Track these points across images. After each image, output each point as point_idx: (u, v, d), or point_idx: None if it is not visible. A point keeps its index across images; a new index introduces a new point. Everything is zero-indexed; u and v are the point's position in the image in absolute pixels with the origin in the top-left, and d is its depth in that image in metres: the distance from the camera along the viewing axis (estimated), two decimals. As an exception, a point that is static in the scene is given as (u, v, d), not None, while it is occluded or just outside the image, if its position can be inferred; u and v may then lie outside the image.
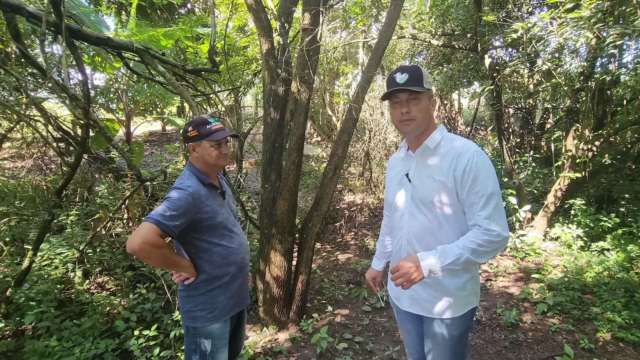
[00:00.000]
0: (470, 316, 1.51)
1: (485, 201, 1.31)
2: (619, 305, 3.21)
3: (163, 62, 2.49)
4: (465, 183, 1.34)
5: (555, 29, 3.07)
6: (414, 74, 1.38)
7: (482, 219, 1.30)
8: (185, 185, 1.65)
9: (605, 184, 5.21)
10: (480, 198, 1.31)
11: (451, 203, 1.39)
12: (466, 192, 1.34)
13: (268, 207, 3.21)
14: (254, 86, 5.95)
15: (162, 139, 13.09)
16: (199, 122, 1.76)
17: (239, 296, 1.86)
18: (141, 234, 1.47)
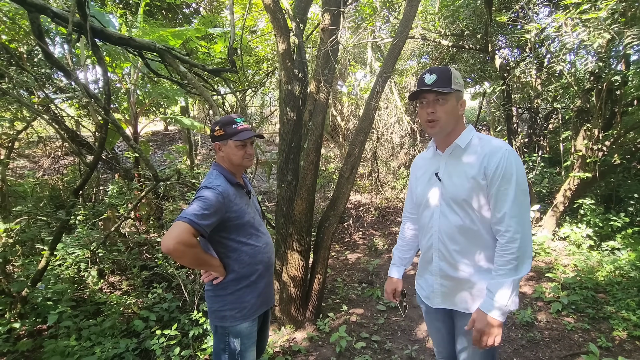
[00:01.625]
0: None
1: (513, 207, 1.33)
2: (633, 304, 3.23)
3: (184, 62, 2.49)
4: (496, 180, 1.35)
5: (569, 30, 3.09)
6: (442, 75, 1.40)
7: (506, 217, 1.34)
8: (214, 184, 1.65)
9: (613, 184, 5.24)
10: (509, 203, 1.33)
11: (482, 201, 1.41)
12: (495, 188, 1.36)
13: (284, 206, 3.21)
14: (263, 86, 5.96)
15: (165, 139, 13.06)
16: (225, 121, 1.76)
17: (265, 295, 1.87)
18: (175, 233, 1.48)
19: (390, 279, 1.85)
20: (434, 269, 1.56)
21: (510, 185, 1.33)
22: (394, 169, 7.51)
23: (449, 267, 1.51)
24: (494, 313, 1.32)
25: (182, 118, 6.23)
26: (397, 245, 1.89)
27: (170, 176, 3.50)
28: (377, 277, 4.26)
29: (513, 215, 1.33)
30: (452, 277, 1.51)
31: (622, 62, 4.35)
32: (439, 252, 1.53)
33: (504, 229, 1.34)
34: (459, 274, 1.49)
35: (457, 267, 1.49)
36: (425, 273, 1.64)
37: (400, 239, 1.88)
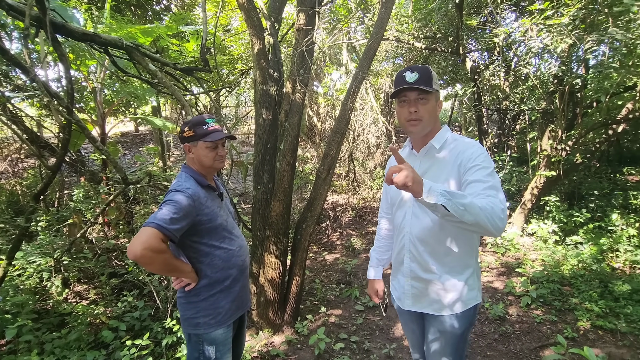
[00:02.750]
0: (473, 313, 1.52)
1: (488, 183, 1.27)
2: (595, 296, 3.42)
3: (154, 60, 2.39)
4: (469, 171, 1.33)
5: (535, 35, 3.22)
6: (423, 73, 1.38)
7: (484, 192, 1.24)
8: (184, 187, 1.59)
9: (575, 182, 5.53)
10: (482, 180, 1.28)
11: None
12: (469, 175, 1.32)
13: (261, 208, 3.16)
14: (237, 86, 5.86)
15: (135, 140, 12.60)
16: (196, 121, 1.71)
17: (240, 300, 1.82)
18: (143, 239, 1.41)
19: (371, 282, 1.84)
20: (405, 270, 1.55)
21: (484, 168, 1.31)
22: (370, 169, 7.58)
23: (420, 268, 1.50)
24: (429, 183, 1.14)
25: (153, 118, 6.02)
26: (374, 246, 1.87)
27: (141, 179, 3.36)
28: (355, 277, 4.28)
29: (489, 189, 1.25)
30: (423, 278, 1.50)
31: (582, 66, 4.60)
32: (410, 253, 1.52)
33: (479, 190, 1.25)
34: (429, 275, 1.48)
35: (428, 269, 1.48)
36: (398, 274, 1.63)
37: (377, 239, 1.87)
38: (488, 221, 1.15)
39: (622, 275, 3.83)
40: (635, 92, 4.28)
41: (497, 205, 1.18)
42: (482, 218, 1.14)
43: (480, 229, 1.18)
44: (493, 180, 1.30)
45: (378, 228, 1.88)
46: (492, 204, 1.18)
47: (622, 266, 4.03)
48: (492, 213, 1.15)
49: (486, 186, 1.27)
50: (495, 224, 1.16)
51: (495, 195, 1.24)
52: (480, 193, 1.24)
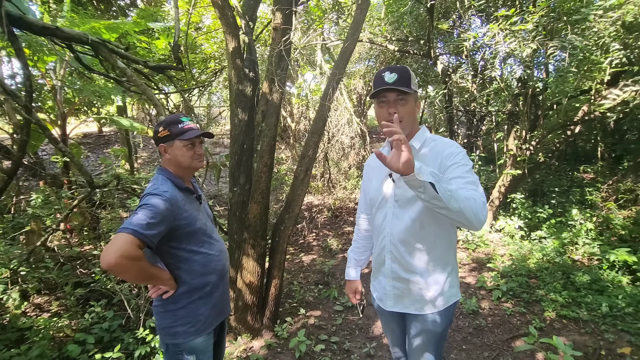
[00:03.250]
0: (453, 310, 1.55)
1: (468, 179, 1.30)
2: (559, 287, 3.62)
3: (123, 57, 2.27)
4: (449, 168, 1.35)
5: (502, 39, 3.37)
6: (402, 74, 1.38)
7: (465, 187, 1.26)
8: (161, 190, 1.52)
9: (538, 180, 5.84)
10: (463, 176, 1.31)
11: None
12: (449, 172, 1.34)
13: (237, 211, 3.09)
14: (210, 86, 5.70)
15: (99, 141, 11.95)
16: (170, 120, 1.64)
17: (220, 306, 1.77)
18: (117, 246, 1.33)
19: (349, 282, 1.83)
20: (387, 270, 1.55)
21: (463, 165, 1.34)
22: (344, 169, 7.64)
23: (401, 268, 1.50)
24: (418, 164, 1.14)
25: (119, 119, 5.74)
26: (352, 247, 1.86)
27: (108, 182, 3.19)
28: (333, 278, 4.29)
29: (467, 179, 1.28)
30: (404, 278, 1.50)
31: (543, 70, 4.88)
32: (391, 254, 1.52)
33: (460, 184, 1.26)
34: (410, 275, 1.49)
35: (409, 269, 1.48)
36: (379, 275, 1.63)
37: (354, 240, 1.86)
38: (472, 211, 1.16)
39: (582, 267, 4.08)
40: (590, 96, 4.59)
41: (479, 199, 1.21)
42: (467, 207, 1.15)
43: (463, 219, 1.18)
44: (472, 176, 1.33)
45: (356, 228, 1.87)
46: (475, 197, 1.20)
47: (581, 258, 4.30)
48: (475, 205, 1.17)
49: (466, 181, 1.29)
50: (477, 216, 1.18)
51: (476, 190, 1.26)
52: (462, 187, 1.26)
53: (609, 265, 3.92)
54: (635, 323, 3.00)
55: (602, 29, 2.99)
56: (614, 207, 5.11)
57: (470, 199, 1.17)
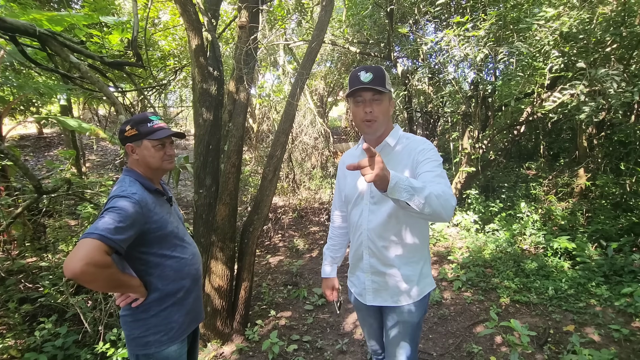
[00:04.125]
0: (427, 300, 1.63)
1: (437, 172, 1.37)
2: (511, 274, 3.92)
3: (76, 51, 2.11)
4: (421, 163, 1.41)
5: (457, 44, 3.59)
6: (377, 73, 1.41)
7: (435, 180, 1.32)
8: (129, 192, 1.44)
9: (489, 176, 6.27)
10: (433, 170, 1.37)
11: None
12: (420, 167, 1.40)
13: (204, 213, 2.99)
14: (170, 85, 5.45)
15: (39, 143, 10.94)
16: (139, 119, 1.56)
17: (194, 312, 1.71)
18: (83, 253, 1.24)
19: (325, 280, 1.85)
20: (365, 266, 1.58)
21: (434, 161, 1.41)
22: (308, 170, 7.67)
23: (379, 263, 1.54)
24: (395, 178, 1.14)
25: (66, 119, 5.29)
26: (327, 244, 1.88)
27: (58, 187, 2.94)
28: (301, 278, 4.29)
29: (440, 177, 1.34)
30: (383, 272, 1.54)
31: (492, 74, 5.25)
32: (369, 249, 1.55)
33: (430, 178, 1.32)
34: (387, 268, 1.53)
35: (387, 262, 1.53)
36: (357, 270, 1.66)
37: (330, 238, 1.88)
38: (443, 209, 1.21)
39: (530, 255, 4.45)
40: (532, 98, 5.02)
41: (447, 192, 1.26)
42: (439, 207, 1.20)
43: (435, 218, 1.23)
44: (440, 170, 1.40)
45: (331, 226, 1.88)
46: (444, 192, 1.24)
47: (529, 247, 4.68)
48: (446, 201, 1.22)
49: (435, 174, 1.36)
50: (448, 211, 1.23)
51: (444, 183, 1.32)
52: (432, 180, 1.32)
53: (553, 252, 4.31)
54: (577, 303, 3.33)
55: (543, 37, 3.29)
56: (554, 200, 5.62)
57: (441, 196, 1.21)
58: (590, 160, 5.67)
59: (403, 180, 1.15)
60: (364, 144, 1.61)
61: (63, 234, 4.03)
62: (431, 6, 4.30)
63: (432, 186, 1.25)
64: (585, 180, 5.62)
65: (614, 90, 2.90)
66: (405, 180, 1.16)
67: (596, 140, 5.77)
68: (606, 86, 2.93)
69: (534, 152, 8.53)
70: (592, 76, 3.02)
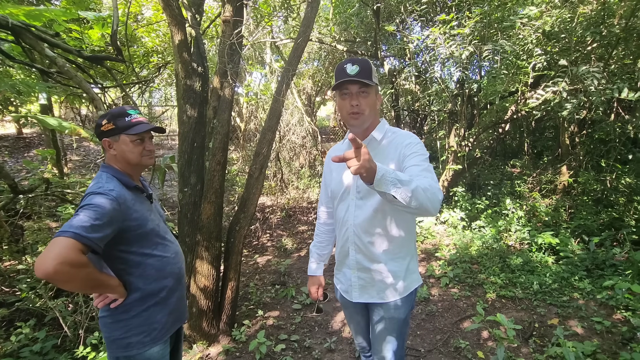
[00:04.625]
0: (414, 296, 1.62)
1: (423, 166, 1.35)
2: (497, 270, 3.97)
3: (53, 45, 2.03)
4: (407, 158, 1.39)
5: (443, 42, 3.61)
6: (364, 66, 1.39)
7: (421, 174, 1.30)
8: (106, 189, 1.39)
9: (475, 174, 6.35)
10: (419, 164, 1.35)
11: None
12: (407, 161, 1.38)
13: (189, 212, 2.93)
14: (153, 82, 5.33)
15: (18, 144, 10.60)
16: (116, 113, 1.51)
17: (178, 311, 1.67)
18: (56, 252, 1.18)
19: (311, 277, 1.82)
20: (351, 262, 1.57)
21: (420, 155, 1.39)
22: (296, 169, 7.63)
23: (365, 259, 1.53)
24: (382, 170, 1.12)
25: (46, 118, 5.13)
26: (313, 241, 1.85)
27: (35, 187, 2.84)
28: (289, 277, 4.25)
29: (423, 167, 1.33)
30: (369, 268, 1.53)
31: (477, 73, 5.31)
32: (355, 245, 1.54)
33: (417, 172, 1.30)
34: (374, 265, 1.52)
35: (373, 258, 1.51)
36: (343, 267, 1.64)
37: (316, 235, 1.85)
38: (430, 202, 1.19)
39: (515, 251, 4.52)
40: (517, 97, 5.10)
41: (434, 186, 1.24)
42: (426, 201, 1.18)
43: (422, 212, 1.22)
44: (427, 164, 1.38)
45: (317, 222, 1.86)
46: (431, 185, 1.23)
47: (514, 243, 4.75)
48: (432, 194, 1.20)
49: (422, 169, 1.34)
50: (433, 203, 1.21)
51: (430, 177, 1.31)
52: (418, 174, 1.30)
53: (537, 247, 4.38)
54: (561, 297, 3.39)
55: (526, 35, 3.34)
56: (538, 197, 5.72)
57: (428, 189, 1.20)
58: (573, 157, 5.79)
59: (390, 173, 1.13)
60: (349, 134, 1.60)
61: (42, 235, 3.90)
62: (417, 5, 4.32)
63: (419, 179, 1.23)
64: (567, 178, 5.74)
65: (594, 87, 2.96)
66: (392, 172, 1.15)
67: (578, 138, 5.90)
68: (587, 83, 2.99)
69: (518, 150, 8.68)
70: (573, 74, 3.08)
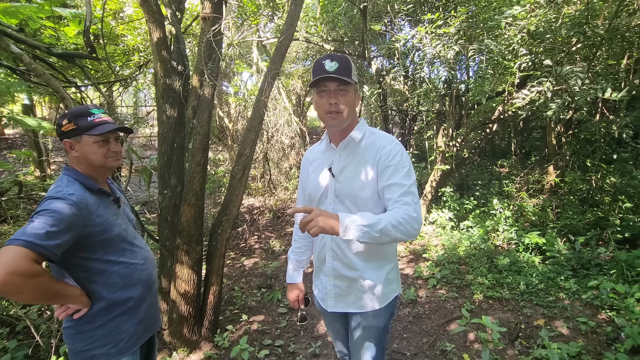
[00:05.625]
0: (394, 304, 1.56)
1: (404, 187, 1.31)
2: (485, 270, 3.95)
3: (18, 41, 1.94)
4: (386, 171, 1.35)
5: (429, 42, 3.58)
6: (343, 63, 1.33)
7: (400, 200, 1.28)
8: (65, 193, 1.30)
9: (463, 174, 6.36)
10: (399, 183, 1.31)
11: (374, 197, 1.39)
12: (387, 177, 1.34)
13: (169, 215, 2.84)
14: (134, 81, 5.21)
15: (0, 145, 10.34)
16: (77, 112, 1.42)
17: (148, 320, 1.58)
18: (4, 261, 1.09)
19: (290, 285, 1.75)
20: (328, 269, 1.51)
21: (401, 174, 1.33)
22: (285, 169, 7.56)
23: (343, 266, 1.47)
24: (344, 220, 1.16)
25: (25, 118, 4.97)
26: (292, 247, 1.77)
27: (7, 189, 2.73)
28: (276, 280, 4.18)
29: (404, 198, 1.28)
30: (346, 276, 1.47)
31: (465, 73, 5.31)
32: (332, 251, 1.48)
33: (396, 197, 1.29)
34: (352, 273, 1.46)
35: (351, 266, 1.45)
36: (320, 274, 1.58)
37: (294, 240, 1.78)
38: (402, 234, 1.22)
39: (502, 251, 4.52)
40: (503, 97, 5.10)
41: (410, 215, 1.23)
42: (397, 235, 1.21)
43: (396, 241, 1.27)
44: (409, 181, 1.33)
45: (295, 229, 1.78)
46: (407, 215, 1.23)
47: (502, 243, 4.75)
48: (405, 226, 1.21)
49: (403, 191, 1.30)
50: (409, 234, 1.23)
51: (410, 202, 1.28)
52: (397, 200, 1.29)
53: (524, 247, 4.39)
54: (547, 297, 3.39)
55: (512, 35, 3.33)
56: (526, 197, 5.75)
57: (401, 223, 1.20)
58: (559, 157, 5.83)
59: (354, 221, 1.17)
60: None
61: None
62: (404, 4, 4.29)
63: (388, 215, 1.23)
64: (554, 177, 5.78)
65: (578, 87, 2.96)
66: (357, 220, 1.18)
67: (564, 139, 5.95)
68: (571, 83, 2.99)
69: (506, 151, 8.75)
70: (557, 73, 3.08)
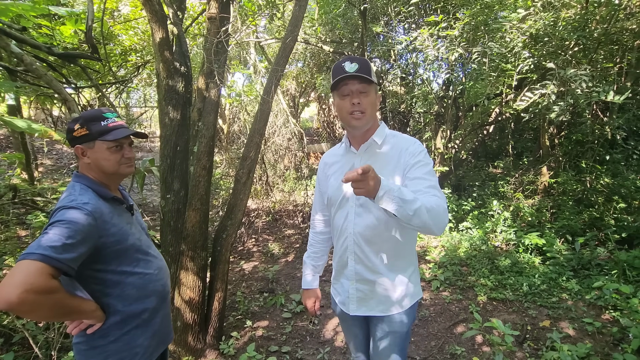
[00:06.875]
0: (416, 308, 1.54)
1: (431, 181, 1.31)
2: (487, 272, 3.97)
3: (19, 41, 1.85)
4: (412, 167, 1.35)
5: (431, 44, 3.58)
6: (363, 64, 1.32)
7: (429, 192, 1.27)
8: (80, 202, 1.24)
9: (460, 175, 6.40)
10: (425, 177, 1.32)
11: None
12: (412, 172, 1.33)
13: (172, 220, 2.76)
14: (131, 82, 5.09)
15: (-17, 147, 9.99)
16: (89, 117, 1.35)
17: (162, 333, 1.52)
18: (21, 278, 1.03)
19: (306, 291, 1.72)
20: (350, 273, 1.48)
21: (426, 169, 1.34)
22: (282, 171, 7.50)
23: (365, 269, 1.45)
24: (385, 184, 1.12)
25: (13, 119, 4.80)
26: (307, 252, 1.74)
27: (1, 194, 2.61)
28: (277, 284, 4.12)
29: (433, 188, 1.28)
30: (369, 280, 1.45)
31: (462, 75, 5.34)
32: (355, 254, 1.46)
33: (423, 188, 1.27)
34: (375, 276, 1.44)
35: (374, 270, 1.43)
36: (341, 277, 1.56)
37: (310, 245, 1.74)
38: (433, 223, 1.18)
39: (502, 252, 4.55)
40: (500, 99, 5.16)
41: (441, 206, 1.21)
42: (427, 221, 1.16)
43: (424, 230, 1.21)
44: (433, 178, 1.34)
45: (311, 232, 1.75)
46: (438, 205, 1.20)
47: (501, 244, 4.79)
48: (437, 214, 1.18)
49: (429, 185, 1.29)
50: (438, 224, 1.20)
51: (439, 195, 1.27)
52: (425, 192, 1.26)
53: (524, 248, 4.42)
54: (550, 298, 3.41)
55: (514, 38, 3.35)
56: (522, 197, 5.81)
57: (434, 209, 1.17)
58: (552, 158, 5.91)
59: (393, 191, 1.11)
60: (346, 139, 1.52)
61: (10, 246, 3.63)
62: (404, 6, 4.29)
63: (424, 197, 1.19)
64: (548, 178, 5.85)
65: (581, 90, 3.00)
66: (396, 190, 1.12)
67: (557, 140, 6.03)
68: (574, 86, 3.02)
69: (499, 152, 8.84)
70: (561, 76, 3.11)
